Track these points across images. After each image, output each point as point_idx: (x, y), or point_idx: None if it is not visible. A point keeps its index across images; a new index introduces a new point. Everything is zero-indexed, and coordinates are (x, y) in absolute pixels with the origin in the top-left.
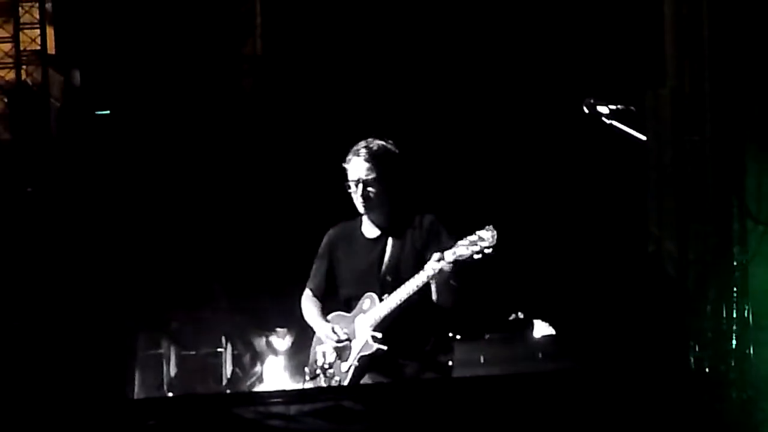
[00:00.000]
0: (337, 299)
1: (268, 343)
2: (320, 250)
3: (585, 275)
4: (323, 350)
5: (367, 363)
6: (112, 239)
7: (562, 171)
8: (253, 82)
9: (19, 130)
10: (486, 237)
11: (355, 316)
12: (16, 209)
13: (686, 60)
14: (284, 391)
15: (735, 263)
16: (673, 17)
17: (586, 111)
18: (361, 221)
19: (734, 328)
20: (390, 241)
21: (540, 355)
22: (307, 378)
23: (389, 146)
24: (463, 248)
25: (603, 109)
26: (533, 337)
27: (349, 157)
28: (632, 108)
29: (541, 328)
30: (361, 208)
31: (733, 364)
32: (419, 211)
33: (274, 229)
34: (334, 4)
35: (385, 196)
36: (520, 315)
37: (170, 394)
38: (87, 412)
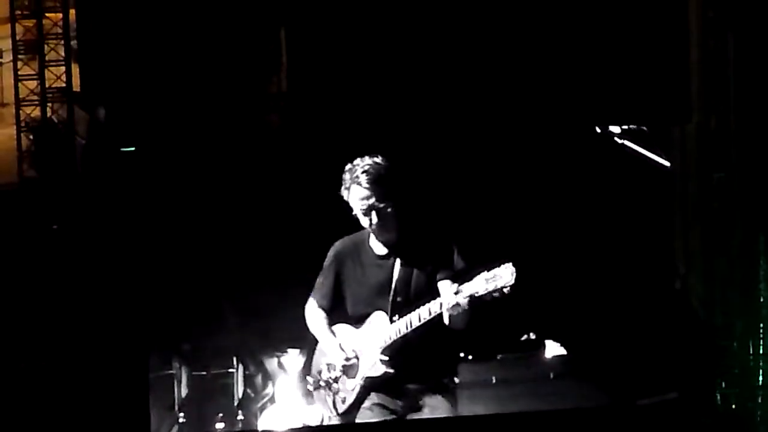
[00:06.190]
0: (342, 312)
1: (280, 364)
2: (326, 263)
3: (603, 301)
4: (328, 363)
5: (372, 384)
6: (127, 264)
7: (582, 194)
8: (280, 118)
9: (44, 167)
10: (504, 275)
11: (363, 334)
12: (42, 247)
13: (712, 96)
14: (300, 428)
15: (761, 300)
16: (698, 53)
17: (599, 130)
18: (368, 234)
19: (761, 364)
20: (399, 259)
21: (552, 376)
22: (311, 388)
23: (380, 162)
24: (481, 284)
25: (614, 129)
26: (545, 358)
27: (348, 185)
28: (644, 128)
29: (553, 349)
30: (369, 230)
31: (760, 401)
32: (429, 231)
33: (287, 253)
34: (359, 41)
35: (392, 214)
36: (532, 336)
37: (181, 415)
38: None
